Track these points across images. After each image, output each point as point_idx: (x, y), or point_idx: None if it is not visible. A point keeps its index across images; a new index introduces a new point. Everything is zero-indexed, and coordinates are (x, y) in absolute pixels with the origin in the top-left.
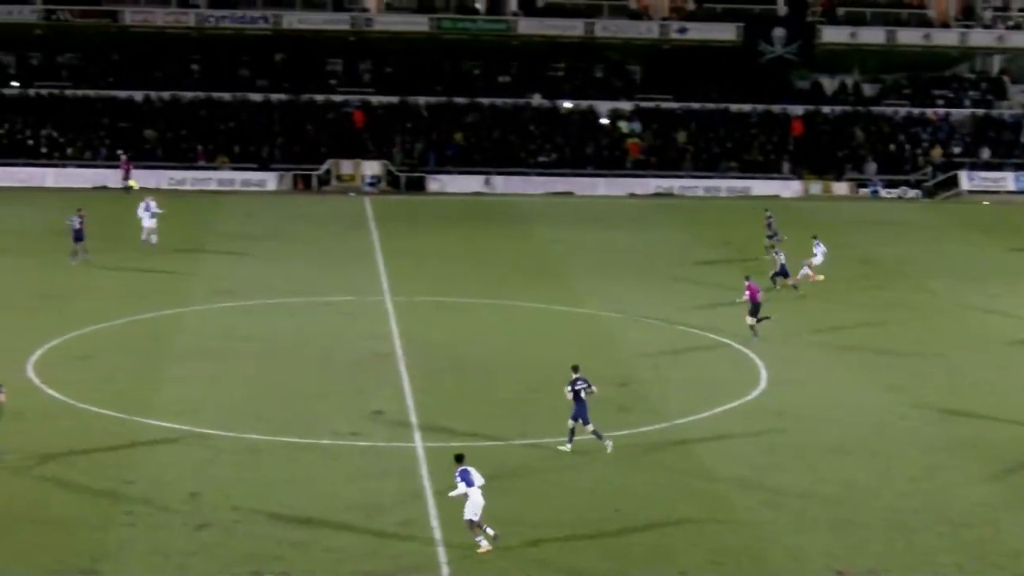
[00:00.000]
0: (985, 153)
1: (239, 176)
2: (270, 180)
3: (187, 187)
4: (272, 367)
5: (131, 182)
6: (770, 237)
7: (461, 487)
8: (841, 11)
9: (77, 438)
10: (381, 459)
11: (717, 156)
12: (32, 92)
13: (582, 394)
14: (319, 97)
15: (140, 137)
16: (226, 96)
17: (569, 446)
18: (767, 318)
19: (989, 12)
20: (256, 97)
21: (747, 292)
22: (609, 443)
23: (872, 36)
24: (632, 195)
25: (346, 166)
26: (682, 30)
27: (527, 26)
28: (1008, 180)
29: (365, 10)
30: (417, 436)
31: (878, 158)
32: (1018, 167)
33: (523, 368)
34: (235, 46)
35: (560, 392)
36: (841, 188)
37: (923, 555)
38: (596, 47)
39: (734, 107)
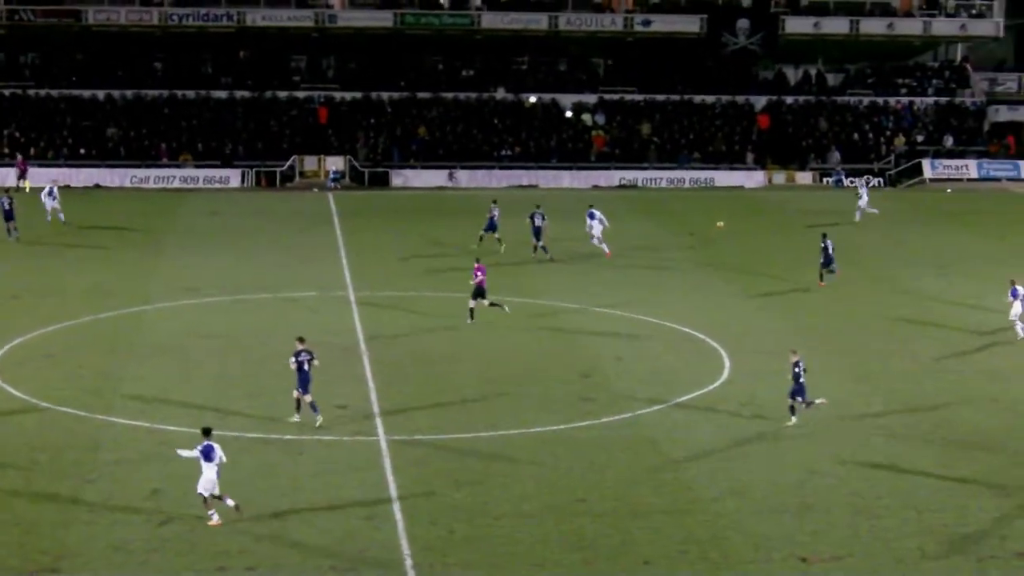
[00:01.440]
0: (948, 141)
1: (202, 173)
2: (233, 177)
3: (150, 185)
4: (236, 363)
5: (25, 183)
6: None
7: (193, 454)
8: (805, 1)
9: (39, 437)
10: (345, 453)
11: (681, 147)
12: None
13: (305, 366)
14: (283, 93)
15: (103, 136)
16: (190, 94)
17: (297, 417)
18: (500, 306)
19: (952, 1)
20: (220, 94)
21: (475, 275)
22: (320, 418)
23: (836, 26)
24: (596, 187)
25: (310, 162)
26: (646, 22)
27: (491, 20)
28: (971, 167)
29: (329, 6)
30: (381, 430)
31: (841, 147)
32: (981, 155)
33: (486, 361)
34: (199, 43)
35: (523, 383)
36: (805, 178)
37: (887, 541)
38: (560, 40)
39: (698, 98)
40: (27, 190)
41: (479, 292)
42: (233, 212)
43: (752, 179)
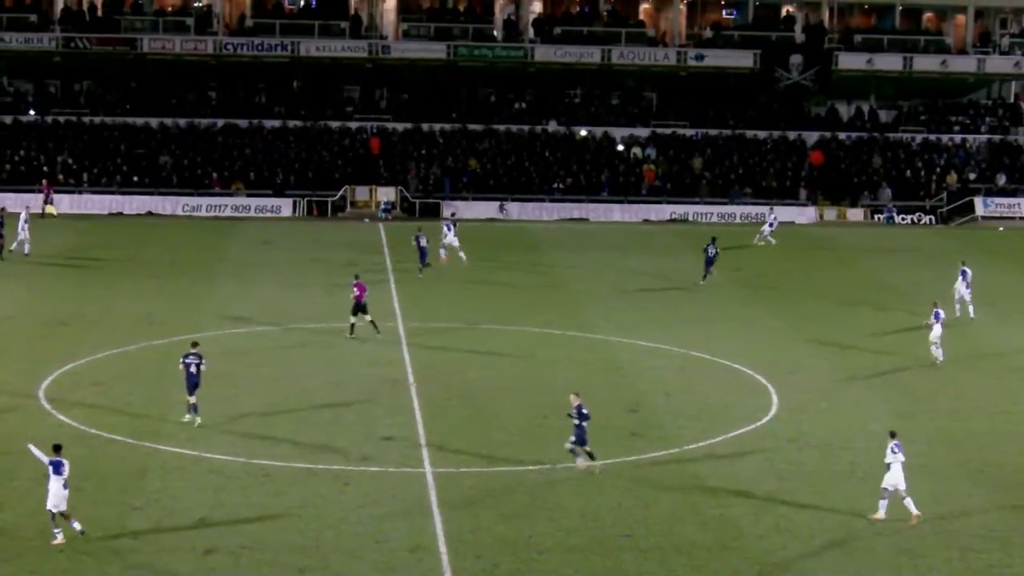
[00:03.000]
0: (1001, 179)
1: (254, 202)
2: (285, 206)
3: (202, 213)
4: (284, 393)
5: (50, 208)
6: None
7: (43, 457)
8: (858, 38)
9: (86, 464)
10: (391, 485)
11: (732, 182)
12: (49, 119)
13: (192, 368)
14: (335, 123)
15: (156, 164)
16: (243, 123)
17: (188, 418)
18: (375, 325)
19: (1006, 39)
20: (273, 123)
21: (354, 291)
22: (198, 419)
23: (889, 63)
24: (647, 221)
25: (361, 192)
26: (699, 57)
27: (544, 53)
28: (1023, 206)
29: (383, 37)
30: (427, 461)
31: (893, 184)
32: None
33: (534, 394)
34: (253, 73)
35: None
36: (856, 214)
37: None
38: (613, 74)
39: (750, 133)
40: (55, 215)
41: (359, 307)
42: (284, 241)
43: (804, 215)
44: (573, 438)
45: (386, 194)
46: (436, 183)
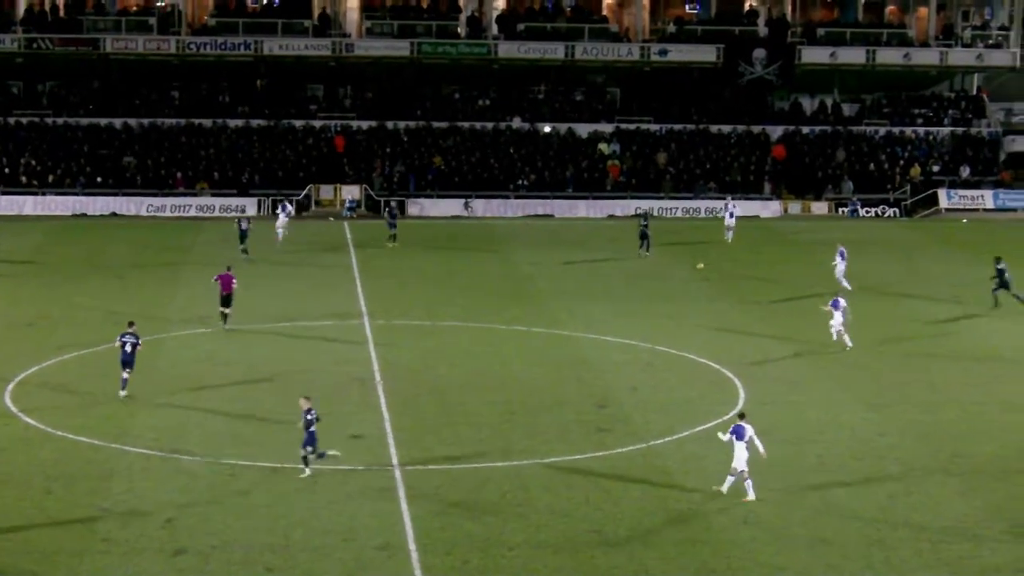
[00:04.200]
0: (965, 171)
1: (219, 202)
2: (250, 206)
3: (167, 214)
4: (251, 392)
5: None
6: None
7: None
8: (821, 31)
9: (54, 466)
10: (359, 483)
11: (697, 177)
12: (12, 120)
13: (127, 347)
14: (299, 122)
15: (119, 164)
16: (207, 122)
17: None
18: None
19: (968, 31)
20: (237, 123)
21: (220, 280)
22: (123, 393)
23: (852, 56)
24: (612, 217)
25: (326, 191)
26: (663, 52)
27: (507, 49)
28: (987, 198)
29: (346, 35)
30: (395, 459)
31: (857, 177)
32: (996, 184)
33: (501, 390)
34: (216, 72)
35: (539, 413)
36: (820, 207)
37: (902, 572)
38: (576, 70)
39: (714, 128)
40: None
41: (225, 299)
42: (249, 240)
43: (768, 209)
44: (308, 445)
45: (351, 192)
46: (401, 180)
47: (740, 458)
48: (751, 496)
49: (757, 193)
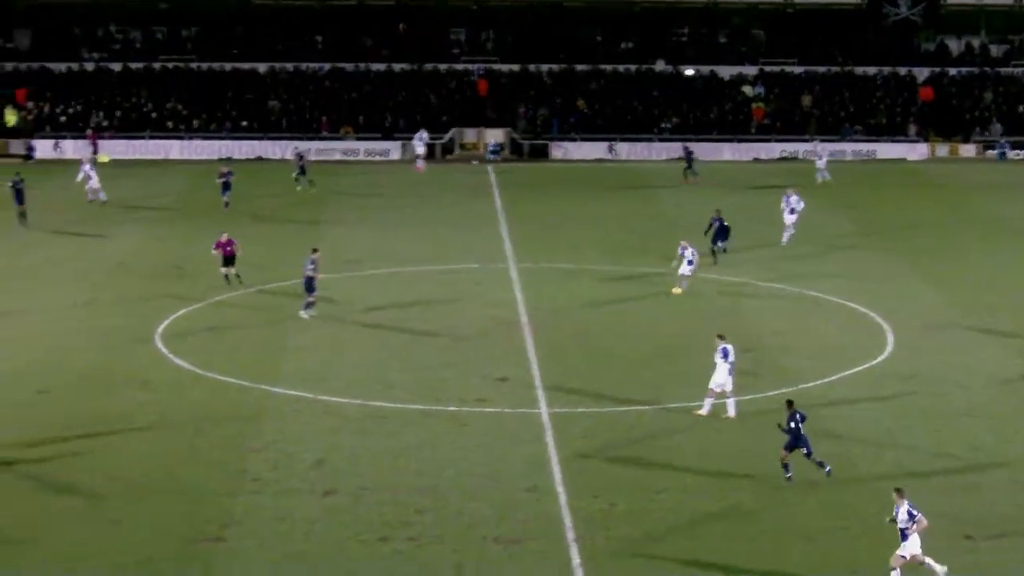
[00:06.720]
0: None
1: (363, 146)
2: (394, 150)
3: (311, 157)
4: (398, 335)
5: (102, 156)
6: None
7: None
8: None
9: (204, 407)
10: (507, 425)
11: (842, 120)
12: (157, 66)
13: None
14: (442, 66)
15: (264, 108)
16: (349, 67)
17: None
18: (235, 278)
19: None
20: (379, 67)
21: (216, 248)
22: None
23: None
24: (757, 160)
25: (469, 134)
26: None
27: None
28: None
29: None
30: (542, 402)
31: (1005, 119)
32: None
33: (647, 334)
34: (359, 17)
35: (686, 357)
36: (968, 150)
37: None
38: (719, 12)
39: (859, 70)
40: (107, 162)
41: (228, 260)
42: (393, 184)
43: (915, 152)
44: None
45: (494, 136)
46: (544, 124)
47: (720, 378)
48: (731, 414)
49: (903, 136)
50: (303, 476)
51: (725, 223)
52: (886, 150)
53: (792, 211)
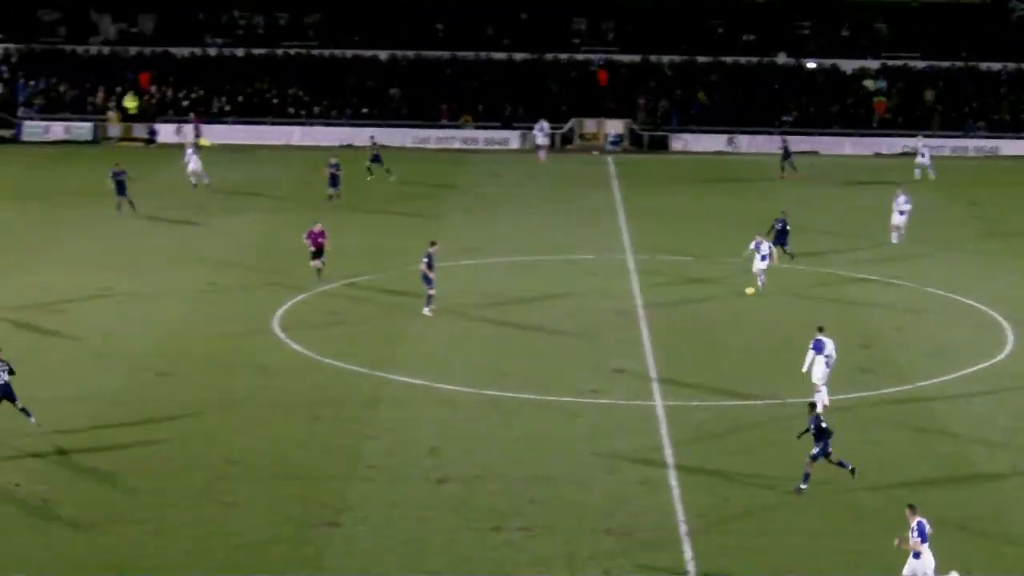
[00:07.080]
0: None
1: (482, 135)
2: (513, 139)
3: (431, 146)
4: (514, 325)
5: (203, 140)
6: None
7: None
8: None
9: (320, 392)
10: (621, 417)
11: (965, 115)
12: (279, 52)
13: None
14: (563, 56)
15: (385, 96)
16: (470, 55)
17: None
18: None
19: None
20: (500, 56)
21: (307, 238)
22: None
23: None
24: (878, 154)
25: (589, 125)
26: None
27: None
28: None
29: None
30: (657, 394)
31: None
32: None
33: (764, 328)
34: (480, 5)
35: (802, 352)
36: None
37: None
38: (843, 5)
39: (983, 65)
40: (209, 146)
41: (317, 253)
42: (512, 173)
43: None
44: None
45: (614, 127)
46: (664, 115)
47: (818, 372)
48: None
49: None
50: (417, 463)
51: (787, 227)
52: (1009, 147)
53: (900, 212)
